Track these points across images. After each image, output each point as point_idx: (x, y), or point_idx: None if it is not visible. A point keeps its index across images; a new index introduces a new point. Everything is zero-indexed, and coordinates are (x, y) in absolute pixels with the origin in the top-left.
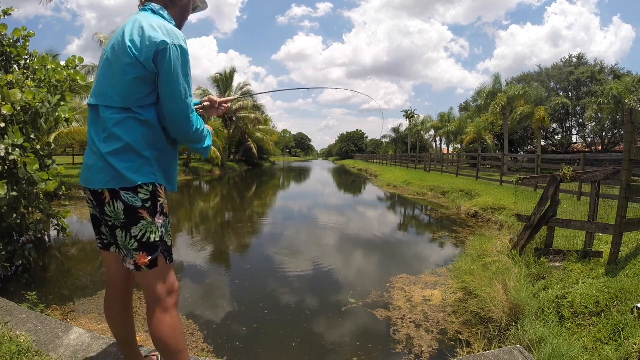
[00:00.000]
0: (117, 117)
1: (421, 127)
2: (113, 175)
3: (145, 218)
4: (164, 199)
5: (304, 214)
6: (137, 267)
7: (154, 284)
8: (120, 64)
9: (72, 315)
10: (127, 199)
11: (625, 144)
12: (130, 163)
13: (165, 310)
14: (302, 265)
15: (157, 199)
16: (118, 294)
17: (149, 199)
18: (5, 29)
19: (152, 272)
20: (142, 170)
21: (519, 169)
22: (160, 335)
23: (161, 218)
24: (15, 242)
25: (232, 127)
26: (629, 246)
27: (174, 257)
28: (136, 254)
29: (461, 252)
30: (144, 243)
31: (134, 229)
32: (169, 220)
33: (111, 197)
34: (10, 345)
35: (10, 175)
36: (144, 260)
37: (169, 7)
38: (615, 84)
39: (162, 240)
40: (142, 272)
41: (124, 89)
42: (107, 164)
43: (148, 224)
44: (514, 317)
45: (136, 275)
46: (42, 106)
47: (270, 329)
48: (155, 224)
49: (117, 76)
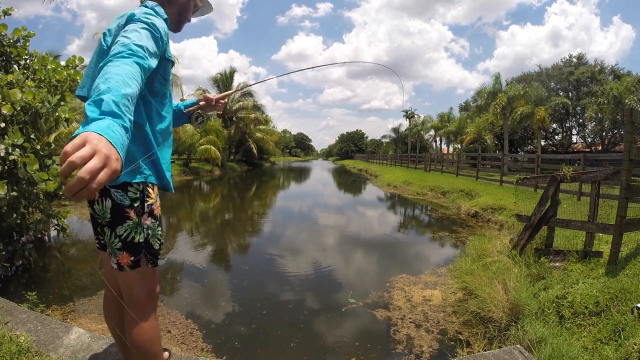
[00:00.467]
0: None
1: (421, 127)
2: None
3: (131, 218)
4: (154, 200)
5: (304, 214)
6: (119, 267)
7: (133, 286)
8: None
9: (72, 315)
10: (116, 197)
11: (625, 144)
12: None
13: (144, 314)
14: (302, 265)
15: (145, 199)
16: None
17: (137, 198)
18: (5, 29)
19: (133, 273)
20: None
21: (519, 169)
22: (137, 339)
23: (148, 219)
24: (15, 242)
25: (232, 127)
26: (629, 246)
27: (177, 261)
28: (119, 253)
29: (461, 252)
30: (127, 243)
31: (119, 228)
32: (158, 223)
33: (100, 194)
34: (10, 345)
35: (10, 175)
36: (126, 261)
37: (165, 6)
38: (615, 84)
39: (146, 242)
40: (124, 272)
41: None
42: None
43: (134, 224)
44: (514, 317)
45: (118, 275)
46: (42, 106)
47: (269, 328)
48: (142, 224)
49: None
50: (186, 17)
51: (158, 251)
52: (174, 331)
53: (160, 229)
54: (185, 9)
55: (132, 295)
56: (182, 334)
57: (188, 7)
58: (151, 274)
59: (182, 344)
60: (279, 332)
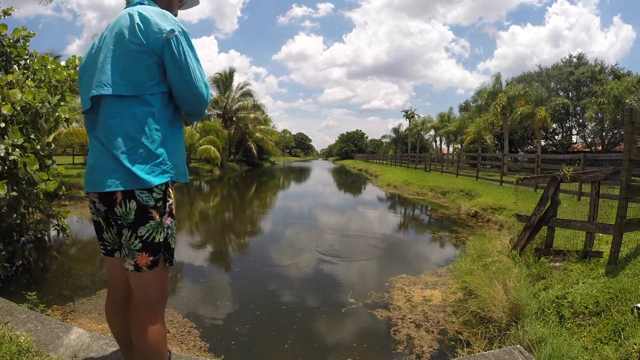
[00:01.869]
0: (124, 107)
1: (421, 127)
2: (127, 177)
3: (154, 218)
4: (173, 200)
5: (304, 214)
6: (136, 268)
7: (150, 286)
8: (127, 50)
9: (72, 315)
10: (141, 199)
11: (625, 144)
12: (145, 164)
13: (156, 315)
14: (302, 265)
15: (167, 199)
16: (121, 297)
17: (160, 199)
18: (5, 29)
19: (150, 274)
20: (156, 170)
21: (519, 169)
22: (147, 340)
23: (168, 219)
24: (15, 242)
25: (232, 127)
26: (629, 246)
27: (175, 260)
28: (138, 254)
29: (461, 252)
30: (148, 243)
31: (141, 228)
32: (174, 223)
33: (123, 197)
34: (10, 345)
35: (10, 175)
36: (146, 261)
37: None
38: (615, 84)
39: (165, 241)
40: (141, 273)
41: (133, 76)
42: (118, 165)
43: (156, 224)
44: (514, 317)
45: (132, 276)
46: (42, 106)
47: (269, 328)
48: (163, 224)
49: (126, 63)
50: (173, 10)
51: (174, 250)
52: (173, 330)
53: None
54: (173, 2)
55: (147, 296)
56: (181, 333)
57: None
58: (165, 273)
59: (182, 344)
60: (280, 332)
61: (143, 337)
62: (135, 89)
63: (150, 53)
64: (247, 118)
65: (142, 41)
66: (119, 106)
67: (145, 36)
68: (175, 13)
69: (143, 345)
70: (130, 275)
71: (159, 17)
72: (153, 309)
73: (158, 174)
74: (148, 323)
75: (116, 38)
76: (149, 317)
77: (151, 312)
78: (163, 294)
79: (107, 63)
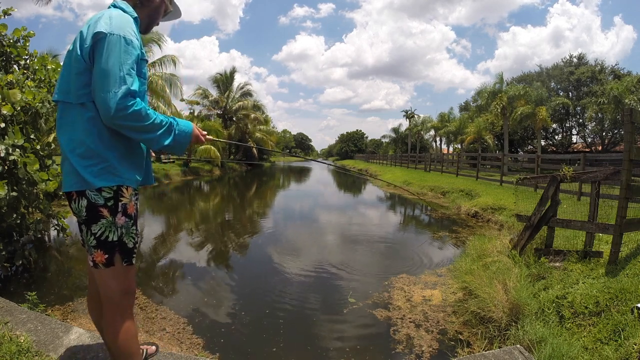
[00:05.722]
0: (73, 114)
1: (421, 127)
2: (78, 179)
3: (105, 216)
4: (128, 200)
5: (304, 214)
6: (94, 264)
7: (108, 283)
8: (70, 58)
9: (72, 315)
10: (91, 197)
11: (625, 144)
12: (92, 167)
13: (117, 312)
14: (302, 265)
15: (119, 199)
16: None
17: (111, 198)
18: (5, 29)
19: (108, 271)
20: (103, 174)
21: (519, 169)
22: (111, 336)
23: (122, 218)
24: (15, 242)
25: (232, 127)
26: (629, 246)
27: (175, 260)
28: (94, 251)
29: (461, 252)
30: (101, 241)
31: (94, 226)
32: (132, 222)
33: (77, 195)
34: (10, 345)
35: (10, 175)
36: (100, 259)
37: (137, 7)
38: (615, 84)
39: (120, 240)
40: (99, 269)
41: (74, 83)
42: (72, 168)
43: (108, 222)
44: (514, 317)
45: (94, 273)
46: (42, 106)
47: (268, 327)
48: (115, 223)
49: (67, 70)
50: (156, 19)
51: (132, 250)
52: (169, 328)
53: (135, 228)
54: (156, 13)
55: (107, 293)
56: (178, 331)
57: (159, 11)
58: (126, 272)
59: (181, 343)
60: (280, 332)
61: (109, 331)
62: (74, 96)
63: (80, 60)
64: (247, 118)
65: (77, 48)
66: (66, 111)
67: (80, 44)
68: (156, 23)
69: (108, 341)
70: (92, 272)
71: (100, 21)
72: (114, 306)
73: (103, 176)
74: (111, 319)
75: (72, 45)
76: (111, 313)
77: (112, 309)
78: (125, 291)
79: (63, 69)
